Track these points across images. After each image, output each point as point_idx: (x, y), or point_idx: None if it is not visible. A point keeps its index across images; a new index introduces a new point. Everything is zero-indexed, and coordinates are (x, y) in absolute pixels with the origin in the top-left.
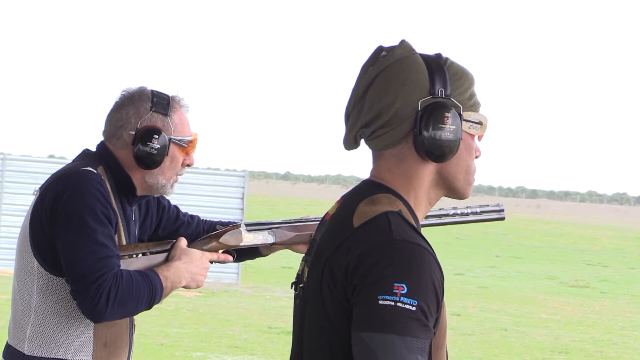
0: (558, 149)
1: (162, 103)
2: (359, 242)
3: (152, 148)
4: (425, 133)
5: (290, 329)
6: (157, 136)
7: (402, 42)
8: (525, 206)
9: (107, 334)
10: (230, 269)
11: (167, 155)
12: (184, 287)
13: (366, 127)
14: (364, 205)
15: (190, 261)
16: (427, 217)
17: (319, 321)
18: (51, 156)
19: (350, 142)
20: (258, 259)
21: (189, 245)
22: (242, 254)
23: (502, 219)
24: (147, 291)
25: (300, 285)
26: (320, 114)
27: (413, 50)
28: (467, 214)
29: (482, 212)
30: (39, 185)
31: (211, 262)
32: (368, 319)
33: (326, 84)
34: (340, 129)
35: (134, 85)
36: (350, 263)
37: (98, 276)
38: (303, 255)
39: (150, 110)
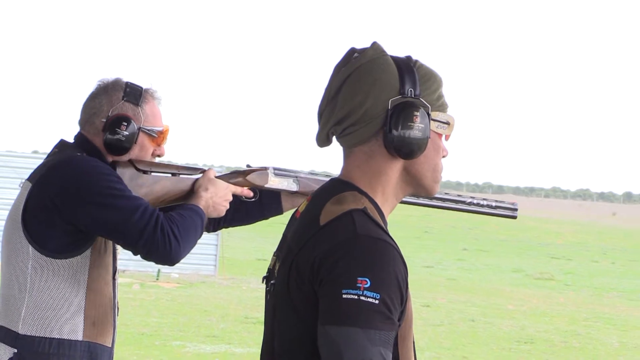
0: (523, 146)
1: (135, 94)
2: (324, 239)
3: (121, 135)
4: (394, 131)
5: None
6: (126, 124)
7: (374, 44)
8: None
9: (95, 314)
10: (208, 262)
11: (135, 143)
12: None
13: (338, 124)
14: (330, 204)
15: (216, 192)
16: (445, 200)
17: (289, 315)
18: (35, 152)
19: (323, 139)
20: (234, 251)
21: (217, 177)
22: (265, 201)
23: (515, 217)
24: (199, 220)
25: (272, 282)
26: (293, 114)
27: (384, 51)
28: (482, 205)
29: (496, 207)
30: (25, 178)
31: (234, 196)
32: (332, 312)
33: (297, 85)
34: (310, 128)
35: (110, 76)
36: (316, 260)
37: (154, 223)
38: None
39: (122, 99)
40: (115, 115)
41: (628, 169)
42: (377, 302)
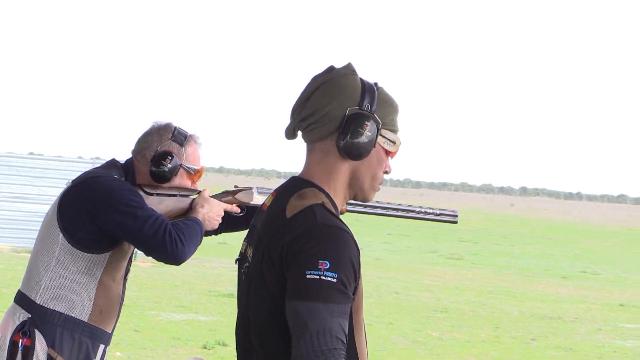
0: (436, 146)
1: (181, 136)
2: (291, 229)
3: (165, 167)
4: (347, 135)
5: (226, 292)
6: (170, 158)
7: (349, 64)
8: (411, 195)
9: (103, 304)
10: None
11: (175, 175)
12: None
13: (303, 120)
14: (294, 199)
15: (210, 209)
16: (398, 210)
17: (262, 293)
18: (31, 153)
19: (290, 133)
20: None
21: (211, 196)
22: (249, 215)
23: (455, 222)
24: (199, 228)
25: (246, 264)
26: (251, 118)
27: (355, 71)
28: (429, 213)
29: (440, 214)
30: (71, 180)
31: (225, 212)
32: (298, 289)
33: (263, 90)
34: (268, 131)
35: (163, 119)
36: (284, 246)
37: (164, 229)
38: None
39: (170, 139)
40: (162, 151)
41: (523, 166)
42: (335, 280)
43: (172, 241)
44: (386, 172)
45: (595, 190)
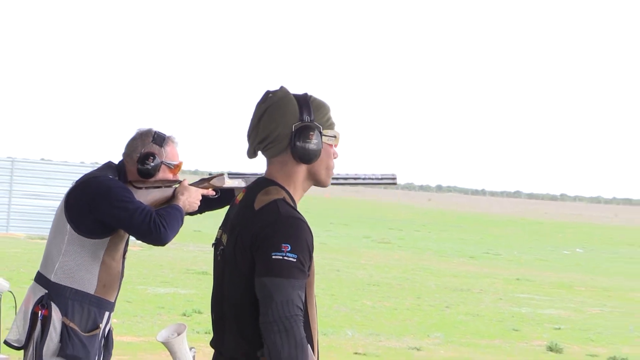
0: (370, 146)
1: (160, 139)
2: (258, 220)
3: (149, 166)
4: (298, 145)
5: (200, 270)
6: (152, 158)
7: (282, 87)
8: (349, 191)
9: (106, 279)
10: None
11: (158, 171)
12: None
13: (260, 143)
14: (261, 195)
15: (189, 195)
16: (346, 178)
17: (235, 273)
18: (42, 159)
19: (251, 153)
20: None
21: (189, 184)
22: (223, 196)
23: (395, 183)
24: (179, 213)
25: (221, 248)
26: (225, 121)
27: (288, 92)
28: (372, 178)
29: (382, 178)
30: (75, 180)
31: (203, 196)
32: (265, 268)
33: (238, 95)
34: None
35: (145, 126)
36: (254, 233)
37: (150, 217)
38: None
39: (151, 142)
40: (145, 152)
41: (438, 167)
42: (295, 260)
43: (156, 227)
44: (335, 158)
45: (496, 187)
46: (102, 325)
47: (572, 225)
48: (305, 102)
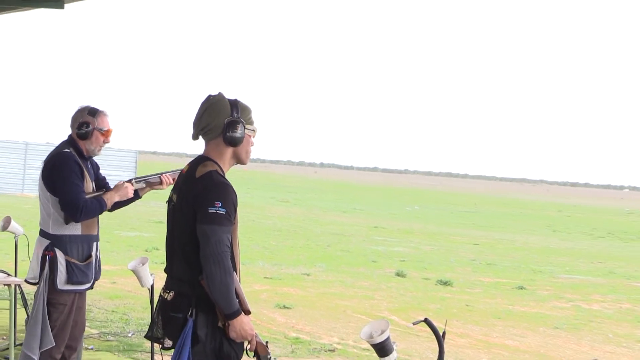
0: (279, 127)
1: (93, 111)
2: (199, 184)
3: (84, 131)
4: (227, 133)
5: (158, 220)
6: (87, 125)
7: (219, 92)
8: (260, 167)
9: (88, 222)
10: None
11: (92, 135)
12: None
13: (201, 130)
14: (200, 167)
15: (117, 190)
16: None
17: (182, 221)
18: (47, 142)
19: (195, 137)
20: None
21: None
22: (135, 196)
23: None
24: (98, 205)
25: (172, 204)
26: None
27: (224, 96)
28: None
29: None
30: (45, 158)
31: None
32: (204, 218)
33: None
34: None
35: (85, 103)
36: (195, 194)
37: (78, 200)
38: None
39: (87, 114)
40: (82, 121)
41: (324, 146)
42: (224, 213)
43: (78, 208)
44: (252, 145)
45: (361, 163)
46: (94, 254)
47: (412, 190)
48: (235, 104)
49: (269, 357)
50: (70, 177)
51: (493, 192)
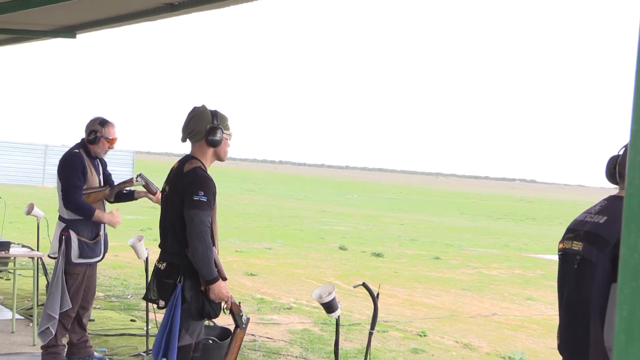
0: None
1: (102, 121)
2: (186, 177)
3: (93, 137)
4: (209, 137)
5: (152, 205)
6: (95, 133)
7: (203, 104)
8: (231, 165)
9: (96, 204)
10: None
11: (99, 141)
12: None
13: (189, 134)
14: (187, 164)
15: (111, 216)
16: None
17: (173, 207)
18: (64, 145)
19: (183, 140)
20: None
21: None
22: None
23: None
24: (87, 210)
25: (165, 193)
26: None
27: (207, 107)
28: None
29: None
30: (60, 157)
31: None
32: (190, 204)
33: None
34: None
35: (99, 114)
36: (183, 185)
37: (75, 197)
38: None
39: (97, 124)
40: (91, 129)
41: (281, 144)
42: (206, 200)
43: (74, 203)
44: (228, 147)
45: (313, 160)
46: (101, 233)
47: (351, 182)
48: (215, 114)
49: (241, 314)
50: (73, 173)
51: (415, 183)
